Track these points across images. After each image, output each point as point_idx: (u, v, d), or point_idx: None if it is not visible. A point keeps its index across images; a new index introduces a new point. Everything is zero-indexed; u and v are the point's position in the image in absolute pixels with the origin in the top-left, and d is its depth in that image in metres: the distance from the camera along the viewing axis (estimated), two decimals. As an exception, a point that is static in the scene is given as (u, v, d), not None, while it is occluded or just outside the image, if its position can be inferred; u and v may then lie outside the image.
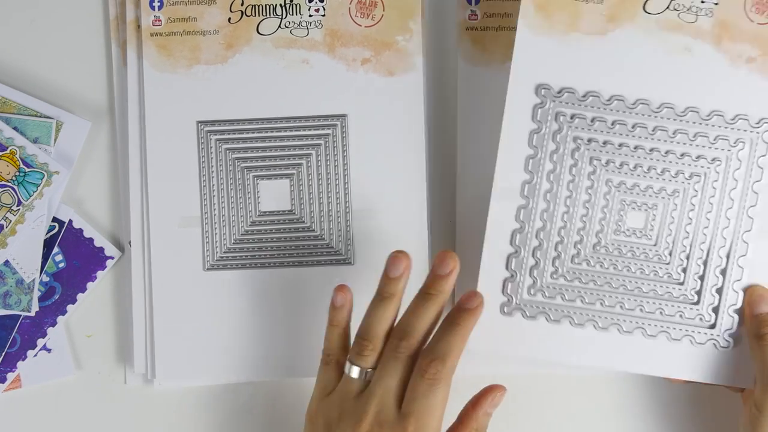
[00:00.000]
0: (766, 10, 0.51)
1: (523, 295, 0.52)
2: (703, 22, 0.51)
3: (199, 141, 0.59)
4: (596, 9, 0.51)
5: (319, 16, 0.59)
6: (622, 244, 0.52)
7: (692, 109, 0.51)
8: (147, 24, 0.59)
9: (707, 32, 0.51)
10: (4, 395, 0.60)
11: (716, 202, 0.51)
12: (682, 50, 0.51)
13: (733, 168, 0.51)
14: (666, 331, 0.52)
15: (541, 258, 0.51)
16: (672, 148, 0.51)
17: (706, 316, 0.51)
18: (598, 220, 0.51)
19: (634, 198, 0.51)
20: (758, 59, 0.51)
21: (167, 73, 0.59)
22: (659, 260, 0.52)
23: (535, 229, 0.52)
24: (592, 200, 0.51)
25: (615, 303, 0.52)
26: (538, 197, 0.51)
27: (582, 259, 0.52)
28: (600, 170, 0.51)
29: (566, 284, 0.52)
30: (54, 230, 0.60)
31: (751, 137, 0.51)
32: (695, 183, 0.51)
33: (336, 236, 0.59)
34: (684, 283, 0.52)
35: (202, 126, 0.59)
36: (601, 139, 0.51)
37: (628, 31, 0.51)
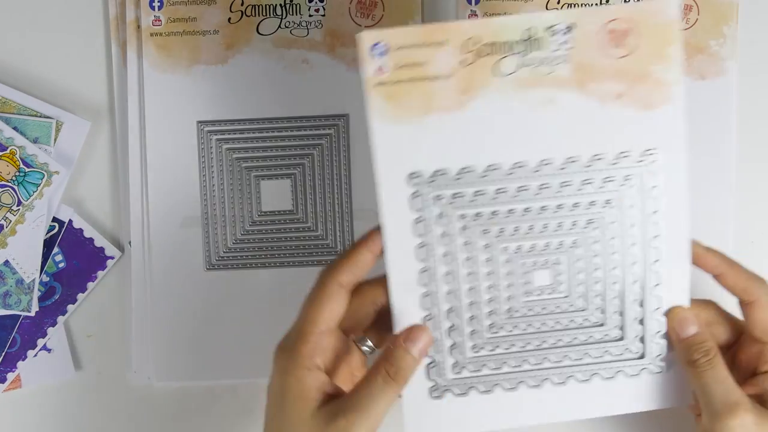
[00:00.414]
0: (621, 42, 0.48)
1: (448, 376, 0.51)
2: (560, 70, 0.48)
3: (199, 141, 0.59)
4: (448, 86, 0.48)
5: (319, 16, 0.59)
6: (535, 304, 0.51)
7: (572, 160, 0.49)
8: (147, 24, 0.59)
9: (568, 79, 0.48)
10: (4, 395, 0.60)
11: (619, 242, 0.50)
12: (546, 103, 0.48)
13: (628, 205, 0.50)
14: (597, 373, 0.51)
15: (457, 337, 0.51)
16: (562, 201, 0.49)
17: (633, 349, 0.51)
18: (505, 287, 0.50)
19: (535, 259, 0.50)
20: (626, 93, 0.49)
21: (167, 73, 0.59)
22: (575, 310, 0.51)
23: (444, 312, 0.50)
24: (494, 271, 0.50)
25: (541, 359, 0.51)
26: (439, 282, 0.50)
27: (498, 327, 0.51)
28: (494, 241, 0.50)
29: (489, 354, 0.51)
30: (54, 230, 0.60)
31: (639, 171, 0.49)
32: (593, 229, 0.50)
33: (337, 236, 0.60)
34: (604, 324, 0.51)
35: (203, 126, 0.59)
36: (487, 211, 0.49)
37: (486, 98, 0.48)
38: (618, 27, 0.47)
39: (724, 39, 0.59)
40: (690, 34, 0.59)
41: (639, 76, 0.48)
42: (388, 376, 0.47)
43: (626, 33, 0.48)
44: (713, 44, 0.59)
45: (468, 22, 0.49)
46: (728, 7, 0.58)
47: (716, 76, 0.59)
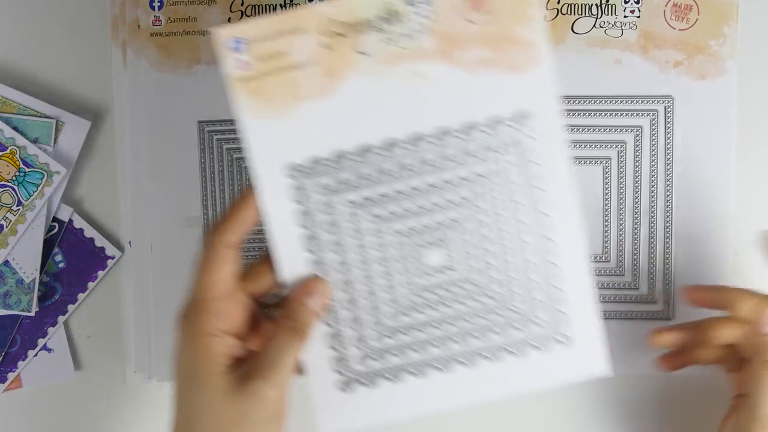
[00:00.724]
0: (479, 6, 0.47)
1: (355, 368, 0.50)
2: (424, 42, 0.48)
3: (200, 141, 0.59)
4: (313, 72, 0.48)
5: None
6: (432, 286, 0.50)
7: (449, 131, 0.49)
8: (147, 24, 0.59)
9: (433, 51, 0.48)
10: (4, 395, 0.60)
11: (506, 211, 0.49)
12: (414, 77, 0.48)
13: (509, 172, 0.49)
14: (506, 350, 0.50)
15: (359, 327, 0.50)
16: (442, 176, 0.49)
17: (539, 322, 0.50)
18: (402, 271, 0.50)
19: (426, 238, 0.50)
20: (492, 58, 0.48)
21: (168, 73, 0.59)
22: (474, 286, 0.50)
23: (342, 302, 0.50)
24: (387, 254, 0.50)
25: (447, 343, 0.50)
26: (332, 271, 0.49)
27: (399, 312, 0.50)
28: (383, 224, 0.49)
29: (393, 342, 0.50)
30: (54, 230, 0.60)
31: (515, 137, 0.48)
32: (480, 200, 0.49)
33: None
34: (505, 300, 0.50)
35: (204, 126, 0.59)
36: (375, 194, 0.49)
37: (353, 80, 0.48)
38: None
39: (724, 39, 0.59)
40: (690, 34, 0.59)
41: (503, 39, 0.48)
42: (290, 331, 0.47)
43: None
44: (713, 44, 0.59)
45: (322, 4, 0.47)
46: (728, 7, 0.59)
47: (716, 76, 0.59)
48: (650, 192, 0.59)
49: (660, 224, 0.59)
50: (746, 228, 0.59)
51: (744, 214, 0.59)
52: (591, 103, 0.59)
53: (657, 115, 0.59)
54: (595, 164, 0.59)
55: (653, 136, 0.59)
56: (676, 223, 0.59)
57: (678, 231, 0.59)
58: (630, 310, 0.59)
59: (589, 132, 0.59)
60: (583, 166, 0.59)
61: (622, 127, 0.59)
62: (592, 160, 0.59)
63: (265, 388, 0.46)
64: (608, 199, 0.59)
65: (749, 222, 0.60)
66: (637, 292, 0.59)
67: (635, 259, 0.59)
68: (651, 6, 0.58)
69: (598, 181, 0.59)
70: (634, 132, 0.59)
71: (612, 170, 0.59)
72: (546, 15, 0.58)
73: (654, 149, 0.59)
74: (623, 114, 0.59)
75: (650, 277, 0.59)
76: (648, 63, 0.59)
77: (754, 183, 0.59)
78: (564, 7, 0.59)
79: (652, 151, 0.59)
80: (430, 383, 0.50)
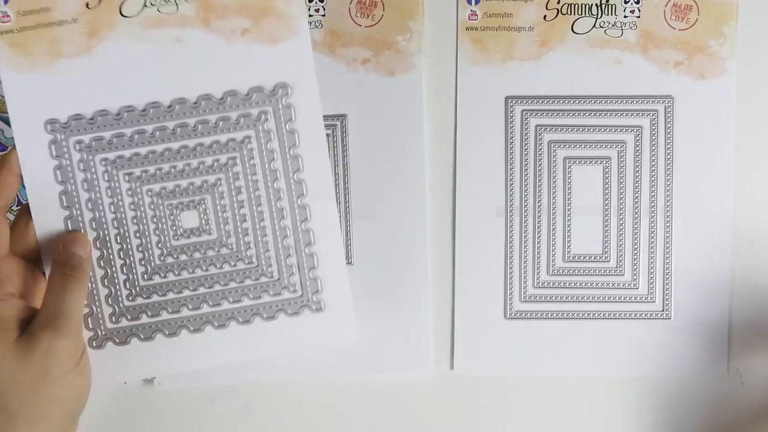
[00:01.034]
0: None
1: (107, 326, 0.51)
2: (184, 8, 0.50)
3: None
4: (74, 30, 0.50)
5: (320, 16, 0.59)
6: (187, 247, 0.51)
7: (205, 97, 0.51)
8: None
9: (193, 18, 0.50)
10: None
11: (261, 178, 0.51)
12: (174, 42, 0.50)
13: (266, 140, 0.51)
14: (258, 314, 0.52)
15: (111, 286, 0.51)
16: (200, 140, 0.51)
17: (290, 287, 0.52)
18: (152, 231, 0.51)
19: (180, 200, 0.51)
20: (251, 28, 0.50)
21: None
22: (227, 251, 0.52)
23: (95, 259, 0.51)
24: (140, 214, 0.51)
25: (199, 304, 0.52)
26: (86, 228, 0.51)
27: (152, 273, 0.51)
28: (137, 183, 0.51)
29: (145, 302, 0.52)
30: (54, 230, 0.60)
31: (272, 107, 0.51)
32: (233, 167, 0.51)
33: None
34: (258, 264, 0.52)
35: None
36: (128, 154, 0.50)
37: (113, 41, 0.50)
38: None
39: (724, 39, 0.59)
40: (690, 33, 0.58)
41: (263, 11, 0.50)
42: (66, 278, 0.47)
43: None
44: (713, 44, 0.59)
45: None
46: (728, 7, 0.58)
47: (716, 76, 0.59)
48: (650, 192, 0.59)
49: (660, 224, 0.59)
50: (746, 228, 0.59)
51: (744, 214, 0.59)
52: (591, 103, 0.59)
53: (657, 115, 0.59)
54: (595, 164, 0.59)
55: (653, 136, 0.59)
56: (676, 223, 0.59)
57: (678, 231, 0.59)
58: (629, 309, 0.59)
59: (589, 132, 0.59)
60: (583, 166, 0.59)
61: (622, 127, 0.59)
62: (592, 160, 0.59)
63: (55, 338, 0.46)
64: (608, 199, 0.59)
65: (749, 222, 0.59)
66: (637, 292, 0.59)
67: (635, 259, 0.59)
68: (651, 6, 0.58)
69: (598, 181, 0.59)
70: (634, 132, 0.59)
71: (612, 170, 0.59)
72: (547, 15, 0.58)
73: (654, 149, 0.59)
74: (623, 114, 0.59)
75: (650, 277, 0.59)
76: (648, 63, 0.58)
77: (754, 183, 0.59)
78: (564, 7, 0.59)
79: (652, 151, 0.59)
80: (180, 343, 0.52)
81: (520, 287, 0.58)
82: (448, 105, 0.59)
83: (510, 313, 0.59)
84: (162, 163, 0.51)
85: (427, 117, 0.59)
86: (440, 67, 0.59)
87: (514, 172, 0.59)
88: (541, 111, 0.59)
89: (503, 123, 0.59)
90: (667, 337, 0.59)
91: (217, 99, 0.51)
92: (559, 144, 0.59)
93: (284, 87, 0.50)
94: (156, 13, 0.50)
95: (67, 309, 0.47)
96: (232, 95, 0.51)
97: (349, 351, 0.56)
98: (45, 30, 0.49)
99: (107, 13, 0.50)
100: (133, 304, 0.51)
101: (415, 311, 0.57)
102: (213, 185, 0.51)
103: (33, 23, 0.49)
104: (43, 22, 0.49)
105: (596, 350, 0.59)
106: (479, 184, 0.59)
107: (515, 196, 0.59)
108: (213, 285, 0.52)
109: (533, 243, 0.59)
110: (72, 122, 0.50)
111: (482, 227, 0.59)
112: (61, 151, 0.50)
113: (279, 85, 0.50)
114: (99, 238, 0.51)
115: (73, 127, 0.50)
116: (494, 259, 0.59)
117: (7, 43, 0.49)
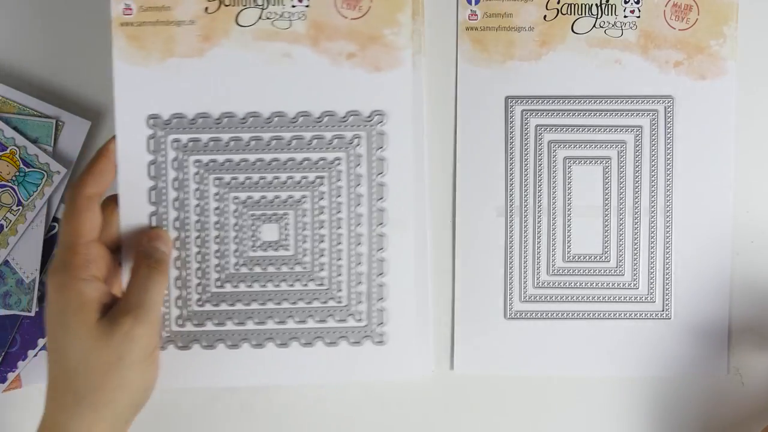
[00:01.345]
0: (354, 4, 0.52)
1: (172, 327, 0.52)
2: (297, 26, 0.52)
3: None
4: (191, 32, 0.51)
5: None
6: (263, 260, 0.51)
7: (303, 114, 0.51)
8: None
9: (303, 36, 0.52)
10: (4, 395, 0.60)
11: (344, 201, 0.51)
12: (282, 57, 0.51)
13: (354, 165, 0.51)
14: (320, 337, 0.52)
15: (183, 288, 0.51)
16: (292, 155, 0.51)
17: (357, 315, 0.52)
18: (232, 239, 0.51)
19: (263, 211, 0.51)
20: (358, 54, 0.51)
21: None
22: (301, 268, 0.52)
23: (172, 260, 0.51)
24: (223, 221, 0.51)
25: (265, 319, 0.52)
26: (169, 226, 0.51)
27: (225, 280, 0.51)
28: (225, 189, 0.51)
29: (213, 310, 0.52)
30: (54, 230, 0.60)
31: (366, 132, 0.51)
32: (319, 186, 0.51)
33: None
34: (328, 287, 0.52)
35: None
36: (221, 159, 0.51)
37: (225, 47, 0.51)
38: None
39: (724, 39, 0.59)
40: (690, 34, 0.59)
41: (371, 38, 0.51)
42: (149, 269, 0.48)
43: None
44: (713, 44, 0.59)
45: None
46: (728, 7, 0.58)
47: (716, 76, 0.59)
48: (650, 192, 0.59)
49: (660, 224, 0.59)
50: (746, 228, 0.59)
51: (744, 214, 0.59)
52: (591, 103, 0.59)
53: (657, 115, 0.59)
54: (595, 164, 0.59)
55: (653, 136, 0.59)
56: (676, 223, 0.59)
57: (678, 231, 0.59)
58: (629, 309, 0.59)
59: (589, 132, 0.59)
60: (583, 166, 0.59)
61: (622, 127, 0.59)
62: (592, 160, 0.59)
63: (135, 326, 0.47)
64: (608, 199, 0.59)
65: (749, 222, 0.59)
66: (637, 292, 0.59)
67: (635, 259, 0.59)
68: (651, 6, 0.58)
69: (598, 181, 0.59)
70: (634, 132, 0.59)
71: (612, 170, 0.59)
72: (547, 15, 0.58)
73: (654, 149, 0.59)
74: (623, 114, 0.59)
75: (650, 277, 0.59)
76: (648, 63, 0.58)
77: (754, 183, 0.59)
78: (564, 7, 0.59)
79: (652, 151, 0.59)
80: (241, 356, 0.52)
81: (520, 287, 0.58)
82: (448, 105, 0.59)
83: (510, 313, 0.59)
84: (252, 172, 0.51)
85: (427, 117, 0.59)
86: (440, 68, 0.59)
87: (514, 172, 0.59)
88: (541, 111, 0.59)
89: (503, 123, 0.59)
90: (667, 337, 0.59)
91: (315, 118, 0.51)
92: (559, 144, 0.59)
93: (380, 114, 0.51)
94: (270, 26, 0.51)
95: (149, 299, 0.48)
96: (329, 116, 0.51)
97: (349, 351, 0.56)
98: (163, 28, 0.51)
99: (224, 20, 0.51)
100: (201, 310, 0.51)
101: (415, 311, 0.57)
102: (297, 201, 0.51)
103: (153, 19, 0.50)
104: (162, 19, 0.50)
105: (596, 350, 0.59)
106: (479, 184, 0.59)
107: (515, 196, 0.59)
108: (281, 302, 0.52)
109: (533, 243, 0.59)
110: (173, 120, 0.51)
111: (482, 227, 0.59)
112: (159, 148, 0.51)
113: (375, 112, 0.51)
114: (179, 239, 0.51)
115: (174, 126, 0.51)
116: (494, 259, 0.59)
117: (125, 35, 0.50)
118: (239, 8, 0.51)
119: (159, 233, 0.51)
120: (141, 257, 0.50)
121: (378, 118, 0.51)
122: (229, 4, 0.51)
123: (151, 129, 0.51)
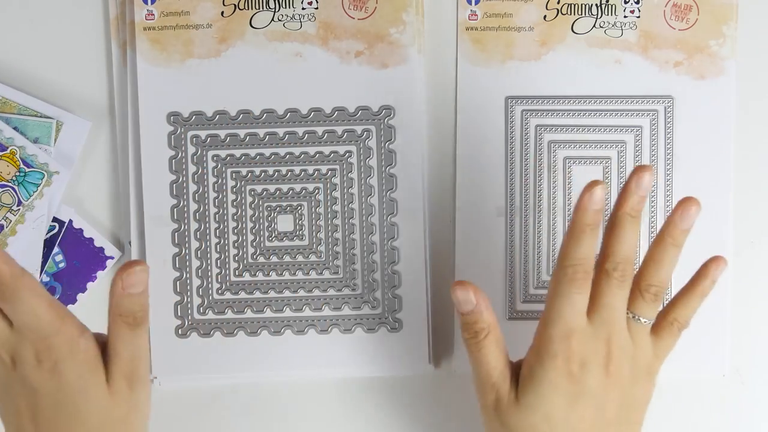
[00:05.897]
0: (361, 5, 0.55)
1: (194, 315, 0.54)
2: (307, 27, 0.55)
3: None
4: (208, 34, 0.55)
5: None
6: (279, 250, 0.54)
7: (315, 110, 0.55)
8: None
9: (313, 36, 0.55)
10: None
11: (357, 192, 0.54)
12: (294, 56, 0.55)
13: (364, 157, 0.54)
14: (336, 325, 0.54)
15: (204, 277, 0.54)
16: (305, 149, 0.55)
17: (372, 303, 0.54)
18: (250, 230, 0.54)
19: (279, 203, 0.55)
20: (365, 51, 0.55)
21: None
22: (316, 257, 0.54)
23: (193, 250, 0.54)
24: (240, 212, 0.54)
25: (282, 307, 0.55)
26: (189, 219, 0.54)
27: (243, 270, 0.54)
28: (242, 182, 0.54)
29: (233, 298, 0.54)
30: (54, 230, 0.60)
31: (376, 126, 0.54)
32: (332, 178, 0.54)
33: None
34: (342, 276, 0.54)
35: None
36: (238, 154, 0.55)
37: (240, 48, 0.55)
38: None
39: (724, 39, 0.59)
40: (690, 34, 0.59)
41: (377, 37, 0.55)
42: (128, 325, 0.45)
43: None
44: (713, 44, 0.59)
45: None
46: (728, 7, 0.59)
47: (716, 76, 0.59)
48: (650, 192, 0.59)
49: (660, 224, 0.59)
50: (746, 228, 0.60)
51: (744, 214, 0.59)
52: (591, 103, 0.59)
53: (657, 115, 0.59)
54: (595, 164, 0.59)
55: (653, 136, 0.59)
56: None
57: (678, 231, 0.59)
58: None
59: (589, 132, 0.59)
60: (583, 166, 0.59)
61: (622, 127, 0.59)
62: (592, 160, 0.59)
63: (138, 388, 0.46)
64: (608, 199, 0.59)
65: (749, 222, 0.60)
66: (637, 292, 0.59)
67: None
68: (651, 6, 0.59)
69: (598, 181, 0.59)
70: (634, 132, 0.59)
71: (612, 170, 0.59)
72: (547, 15, 0.58)
73: (654, 149, 0.59)
74: (623, 114, 0.59)
75: (650, 277, 0.59)
76: (648, 63, 0.59)
77: (754, 183, 0.60)
78: (564, 7, 0.59)
79: (652, 151, 0.59)
80: (260, 343, 0.55)
81: (521, 287, 0.58)
82: (448, 105, 0.59)
83: (512, 313, 0.59)
84: (267, 166, 0.55)
85: (426, 117, 0.59)
86: (440, 68, 0.59)
87: (514, 172, 0.59)
88: (541, 111, 0.59)
89: (503, 123, 0.59)
90: (667, 336, 0.59)
91: (327, 113, 0.55)
92: (559, 144, 0.59)
93: (389, 109, 0.55)
94: (281, 27, 0.55)
95: (140, 357, 0.46)
96: (340, 111, 0.55)
97: (349, 351, 0.57)
98: (183, 31, 0.55)
99: (239, 22, 0.55)
100: (221, 298, 0.54)
101: (414, 311, 0.57)
102: (311, 193, 0.54)
103: (173, 24, 0.55)
104: (182, 23, 0.55)
105: (596, 350, 0.59)
106: (479, 184, 0.59)
107: (515, 196, 0.59)
108: (298, 290, 0.54)
109: (534, 243, 0.59)
110: (193, 117, 0.54)
111: (482, 227, 0.59)
112: (179, 143, 0.54)
113: (384, 106, 0.55)
114: (200, 230, 0.54)
115: (193, 123, 0.54)
116: (495, 259, 0.59)
117: (148, 38, 0.55)
118: (253, 11, 0.55)
119: (131, 275, 0.43)
120: (115, 315, 0.45)
121: (386, 113, 0.54)
122: (244, 8, 0.55)
123: (171, 126, 0.54)
